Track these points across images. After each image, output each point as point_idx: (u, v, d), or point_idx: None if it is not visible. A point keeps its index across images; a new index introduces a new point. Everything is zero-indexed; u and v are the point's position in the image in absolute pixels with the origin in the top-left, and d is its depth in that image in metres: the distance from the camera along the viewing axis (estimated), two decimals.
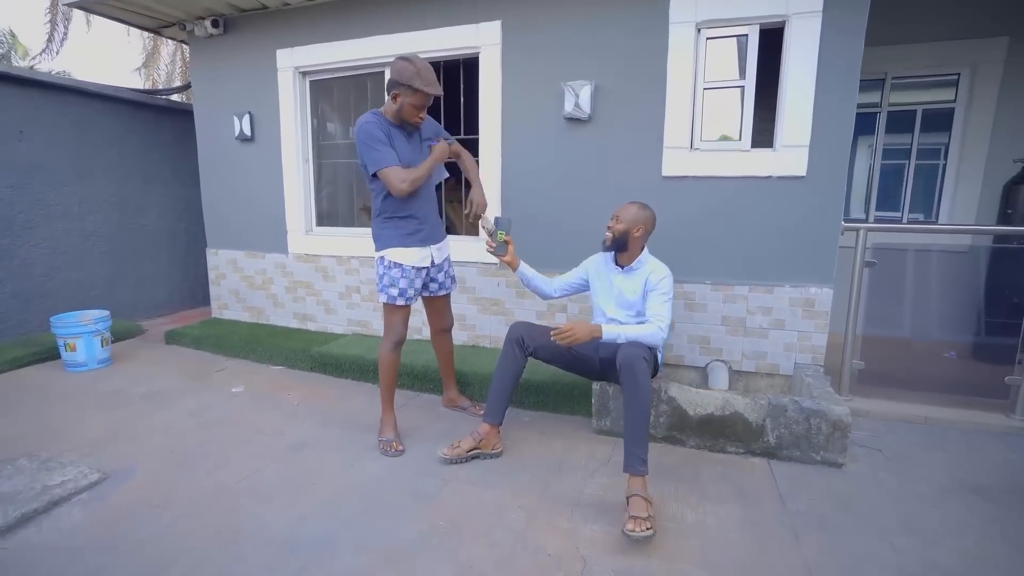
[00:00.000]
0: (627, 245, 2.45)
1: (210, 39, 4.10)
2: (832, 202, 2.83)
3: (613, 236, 2.45)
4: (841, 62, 2.68)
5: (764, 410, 2.47)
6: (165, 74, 11.12)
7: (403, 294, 2.52)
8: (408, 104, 2.35)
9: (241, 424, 2.83)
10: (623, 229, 2.41)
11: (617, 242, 2.45)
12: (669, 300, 2.38)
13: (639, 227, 2.41)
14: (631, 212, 2.42)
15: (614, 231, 2.43)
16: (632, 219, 2.41)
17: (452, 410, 3.03)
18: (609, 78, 3.11)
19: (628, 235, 2.41)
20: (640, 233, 2.43)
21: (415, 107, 2.36)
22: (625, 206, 2.44)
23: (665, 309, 2.35)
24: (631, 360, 2.14)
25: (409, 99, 2.34)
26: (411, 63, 2.31)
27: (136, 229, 4.80)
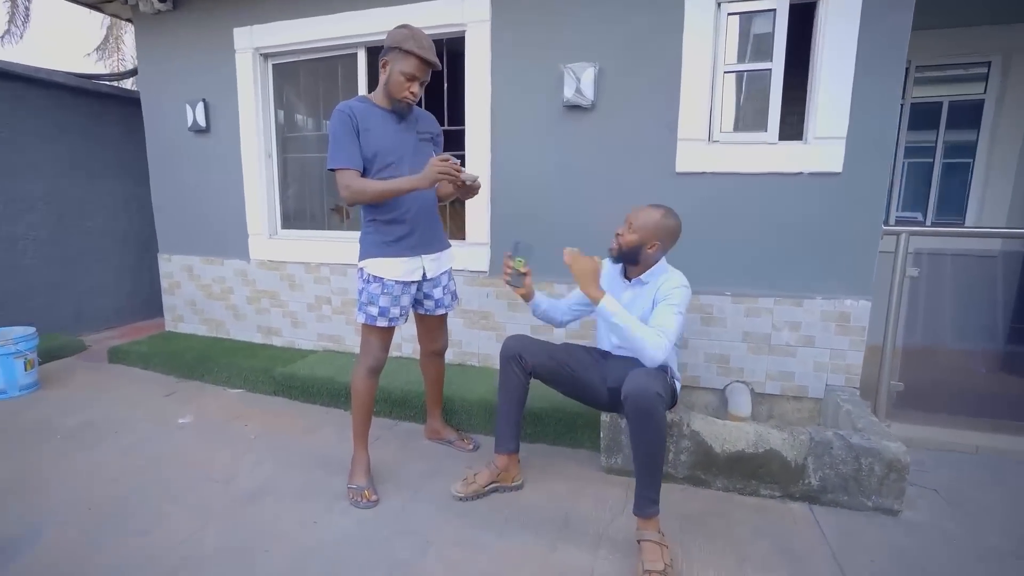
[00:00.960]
0: (637, 259, 2.05)
1: (158, 16, 3.61)
2: (872, 202, 2.47)
3: (619, 247, 2.05)
4: (885, 41, 2.33)
5: (805, 447, 2.10)
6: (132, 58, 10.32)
7: (384, 314, 2.10)
8: (398, 72, 1.94)
9: (185, 465, 2.38)
10: (635, 241, 2.01)
11: (624, 255, 2.05)
12: (680, 314, 1.96)
13: (655, 243, 2.01)
14: (649, 220, 2.01)
15: (623, 242, 2.03)
16: (649, 230, 2.00)
17: (436, 443, 2.61)
18: (615, 60, 2.71)
19: (640, 250, 2.02)
20: (654, 250, 2.03)
21: (405, 76, 1.95)
22: (643, 210, 2.04)
23: (672, 320, 1.92)
24: (644, 399, 1.74)
25: (399, 65, 1.94)
26: (407, 28, 1.95)
27: (79, 232, 4.28)
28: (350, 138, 1.96)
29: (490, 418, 2.69)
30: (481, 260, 3.09)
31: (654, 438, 1.76)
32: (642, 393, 1.74)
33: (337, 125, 1.96)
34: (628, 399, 1.77)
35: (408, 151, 2.07)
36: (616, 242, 2.05)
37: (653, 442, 1.77)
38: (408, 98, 2.00)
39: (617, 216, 2.54)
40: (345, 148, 1.96)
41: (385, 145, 2.00)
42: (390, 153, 2.02)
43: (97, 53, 9.62)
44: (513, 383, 2.14)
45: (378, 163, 2.01)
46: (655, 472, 1.79)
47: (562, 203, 2.92)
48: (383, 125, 2.01)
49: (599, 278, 1.94)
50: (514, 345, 2.14)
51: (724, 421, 2.24)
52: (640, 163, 2.75)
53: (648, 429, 1.76)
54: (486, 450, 2.51)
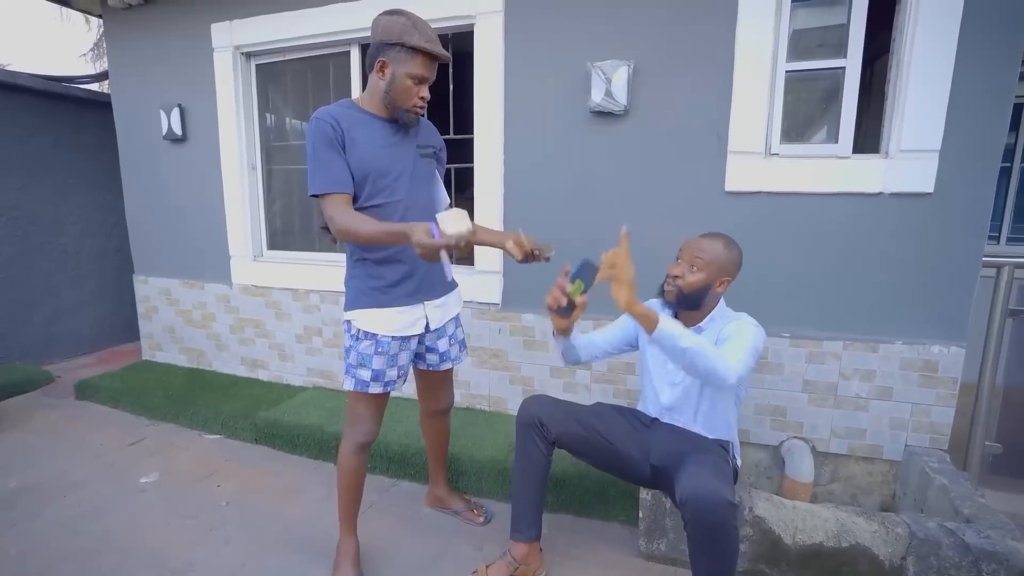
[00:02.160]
0: (700, 303, 1.63)
1: (128, 11, 3.21)
2: (971, 230, 2.03)
3: (680, 291, 1.62)
4: (996, 29, 1.88)
5: (903, 544, 1.66)
6: None
7: (378, 378, 1.67)
8: (404, 76, 1.52)
9: (136, 548, 1.97)
10: (701, 282, 1.59)
11: (686, 300, 1.63)
12: (752, 351, 1.53)
13: (724, 279, 1.60)
14: (714, 253, 1.60)
15: (685, 284, 1.61)
16: (718, 266, 1.59)
17: (441, 512, 2.19)
18: (653, 57, 2.28)
19: (708, 291, 1.60)
20: (723, 288, 1.62)
21: (414, 80, 1.53)
22: (704, 242, 1.63)
23: (744, 353, 1.51)
24: (711, 510, 1.32)
25: (405, 67, 1.51)
26: (401, 14, 1.50)
27: (50, 249, 3.89)
28: (333, 154, 1.54)
29: (503, 481, 2.27)
30: (492, 291, 2.67)
31: (724, 559, 1.34)
32: (708, 501, 1.32)
33: (317, 138, 1.53)
34: (688, 506, 1.35)
35: (407, 168, 1.65)
36: (673, 285, 1.63)
37: (722, 563, 1.35)
38: (419, 107, 1.58)
39: (653, 243, 2.13)
40: (328, 168, 1.53)
41: (378, 162, 1.58)
42: (385, 173, 1.59)
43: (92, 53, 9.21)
44: (533, 456, 1.73)
45: (370, 185, 1.59)
46: None
47: (586, 227, 2.48)
48: (375, 136, 1.59)
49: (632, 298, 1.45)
50: (534, 410, 1.73)
51: (795, 504, 1.81)
52: (682, 180, 2.32)
53: (716, 545, 1.34)
54: (499, 521, 2.10)
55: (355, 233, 1.49)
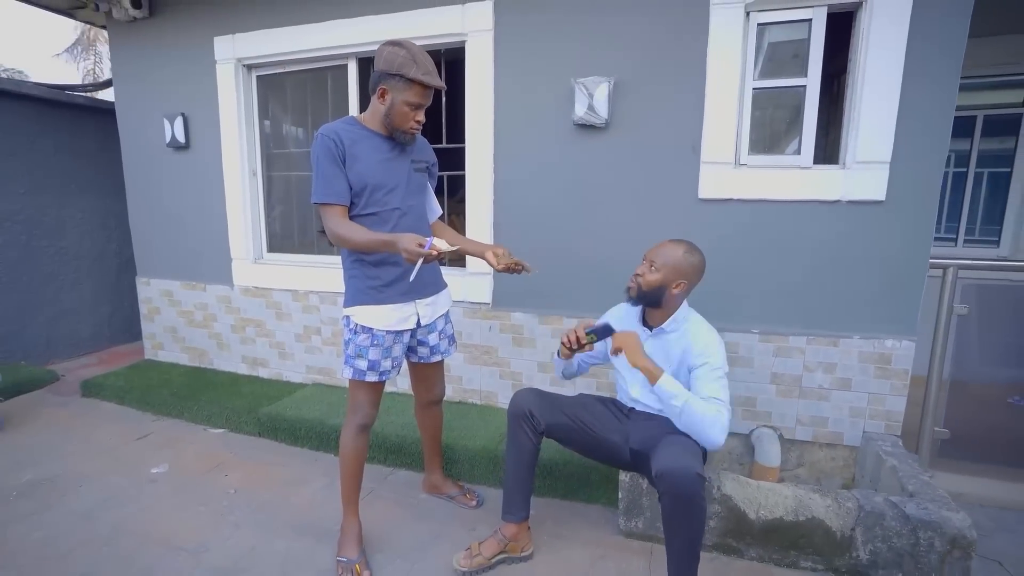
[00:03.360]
0: (660, 301, 1.81)
1: (133, 24, 3.34)
2: (919, 234, 2.23)
3: (639, 288, 1.81)
4: (938, 50, 2.08)
5: (852, 517, 1.85)
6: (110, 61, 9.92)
7: (374, 367, 1.84)
8: (402, 103, 1.69)
9: (151, 533, 2.11)
10: (657, 281, 1.77)
11: (646, 296, 1.81)
12: (724, 375, 1.74)
13: (680, 282, 1.78)
14: (672, 257, 1.78)
15: (644, 282, 1.79)
16: (673, 268, 1.77)
17: (436, 498, 2.36)
18: (632, 74, 2.46)
19: (664, 291, 1.78)
20: (680, 290, 1.79)
21: (411, 107, 1.70)
22: (664, 246, 1.81)
23: (720, 389, 1.71)
24: (683, 482, 1.50)
25: (403, 95, 1.68)
26: (402, 47, 1.67)
27: (52, 252, 4.00)
28: (335, 169, 1.71)
29: (495, 468, 2.44)
30: (483, 291, 2.84)
31: (694, 526, 1.52)
32: (680, 475, 1.49)
33: (320, 153, 1.71)
34: (662, 479, 1.53)
35: (402, 181, 1.82)
36: (635, 282, 1.82)
37: (693, 530, 1.53)
38: (414, 128, 1.76)
39: (633, 247, 2.31)
40: (329, 181, 1.72)
41: (376, 176, 1.76)
42: (381, 185, 1.77)
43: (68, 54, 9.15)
44: (523, 445, 1.89)
45: (367, 195, 1.76)
46: (692, 563, 1.56)
47: (572, 231, 2.66)
48: (373, 152, 1.76)
49: (642, 355, 1.75)
50: (524, 402, 1.89)
51: (758, 483, 1.99)
52: (659, 188, 2.50)
53: (688, 517, 1.51)
54: (491, 505, 2.27)
55: (348, 240, 1.70)
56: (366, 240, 1.68)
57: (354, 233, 1.69)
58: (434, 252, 1.54)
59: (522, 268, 1.87)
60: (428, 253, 1.53)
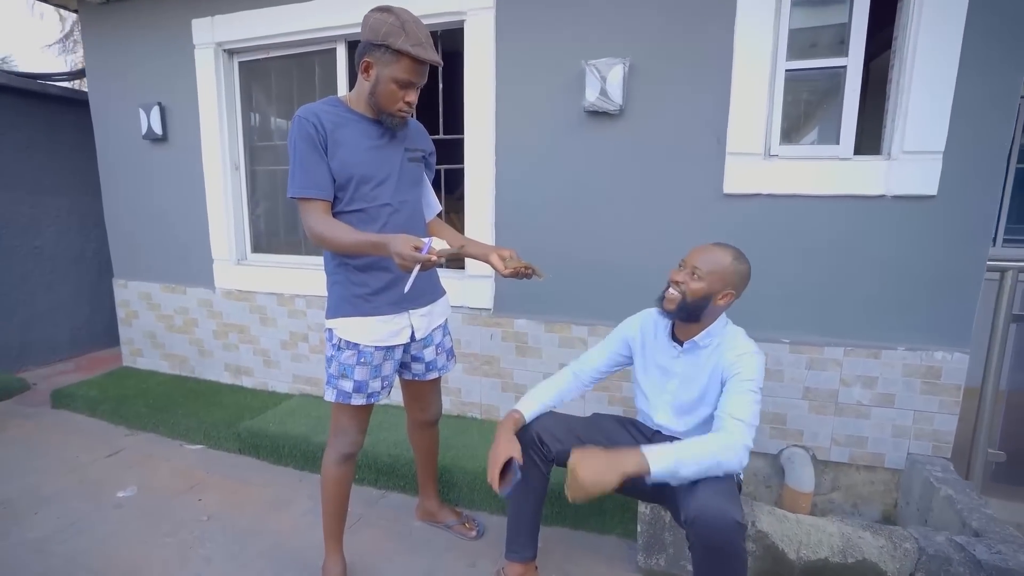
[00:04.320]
0: (701, 315, 1.55)
1: (105, 6, 3.10)
2: (975, 234, 1.98)
3: (683, 298, 1.54)
4: (1001, 28, 1.83)
5: (912, 560, 1.61)
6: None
7: (361, 389, 1.59)
8: (388, 79, 1.43)
9: (110, 568, 1.87)
10: (703, 291, 1.51)
11: (687, 309, 1.54)
12: (753, 392, 1.47)
13: (727, 292, 1.52)
14: (719, 264, 1.51)
15: (688, 291, 1.52)
16: (720, 276, 1.50)
17: (432, 526, 2.12)
18: (649, 55, 2.22)
19: (709, 302, 1.52)
20: (726, 301, 1.54)
21: (398, 84, 1.43)
22: (709, 251, 1.54)
23: (748, 406, 1.44)
24: (718, 531, 1.26)
25: (389, 70, 1.42)
26: (390, 13, 1.40)
27: (25, 252, 3.75)
28: (314, 157, 1.46)
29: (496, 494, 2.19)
30: (484, 296, 2.59)
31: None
32: (716, 522, 1.25)
33: (298, 139, 1.46)
34: (694, 527, 1.28)
35: (393, 172, 1.57)
36: (678, 291, 1.54)
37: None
38: (403, 111, 1.50)
39: (649, 248, 2.08)
40: (308, 171, 1.46)
41: (363, 166, 1.50)
42: (370, 177, 1.52)
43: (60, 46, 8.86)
44: (531, 476, 1.65)
45: (353, 188, 1.51)
46: None
47: (581, 230, 2.42)
48: (360, 138, 1.51)
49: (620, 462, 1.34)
50: (533, 428, 1.65)
51: (798, 517, 1.75)
52: (679, 181, 2.26)
53: (723, 570, 1.27)
54: (492, 535, 2.04)
55: (331, 242, 1.44)
56: (352, 241, 1.41)
57: (337, 233, 1.43)
58: (432, 256, 1.28)
59: (532, 273, 1.61)
60: (426, 258, 1.27)
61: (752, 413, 1.44)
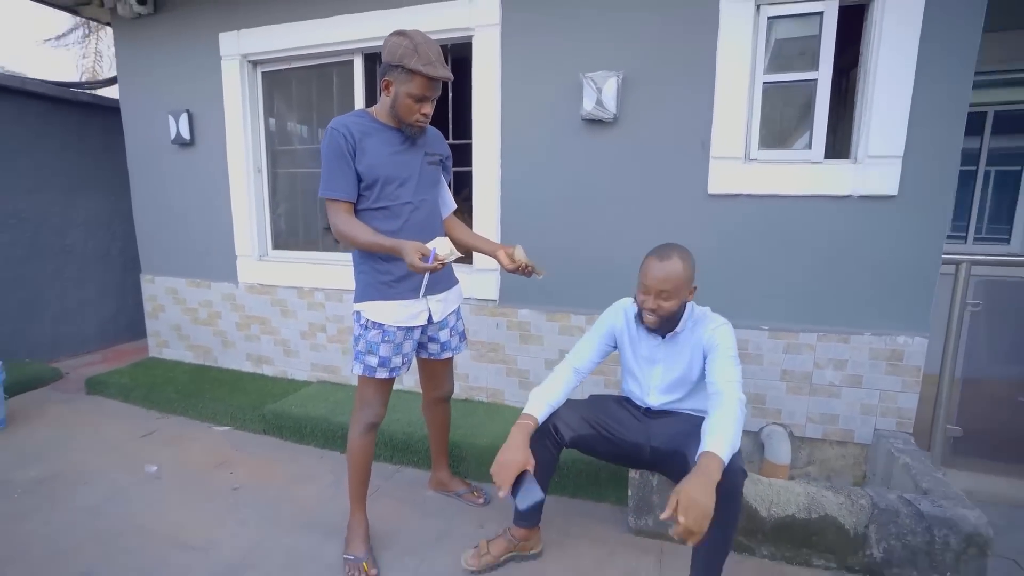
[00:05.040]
0: (677, 318, 1.77)
1: (137, 20, 3.33)
2: (932, 230, 2.20)
3: (660, 320, 1.73)
4: (952, 46, 2.06)
5: (866, 514, 1.83)
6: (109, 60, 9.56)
7: (385, 364, 1.82)
8: (404, 95, 1.66)
9: (158, 529, 2.10)
10: (675, 306, 1.71)
11: (668, 322, 1.75)
12: (735, 356, 1.70)
13: (691, 289, 1.74)
14: (675, 275, 1.67)
15: (664, 312, 1.70)
16: (682, 283, 1.68)
17: (443, 495, 2.34)
18: (641, 68, 2.45)
19: (682, 308, 1.75)
20: (692, 295, 1.76)
21: (413, 99, 1.66)
22: (662, 268, 1.67)
23: (734, 368, 1.66)
24: (730, 476, 1.44)
25: (405, 87, 1.65)
26: (405, 36, 1.64)
27: (57, 250, 3.99)
28: (343, 164, 1.70)
29: None
30: (490, 288, 2.82)
31: (731, 522, 1.51)
32: (728, 470, 1.44)
33: (330, 147, 1.70)
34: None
35: (414, 173, 1.80)
36: (655, 316, 1.72)
37: (731, 524, 1.52)
38: (420, 121, 1.73)
39: (641, 243, 2.26)
40: (337, 176, 1.70)
41: (387, 169, 1.74)
42: (392, 178, 1.75)
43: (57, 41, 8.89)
44: (542, 458, 1.77)
45: (379, 189, 1.74)
46: (723, 557, 1.54)
47: (579, 227, 2.65)
48: (384, 145, 1.74)
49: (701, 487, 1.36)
50: (551, 419, 1.84)
51: (770, 480, 1.97)
52: (668, 183, 2.48)
53: (728, 511, 1.46)
54: (498, 503, 2.26)
55: (352, 239, 1.69)
56: (370, 241, 1.67)
57: (358, 232, 1.68)
58: (438, 264, 1.54)
59: (532, 271, 1.86)
60: (433, 267, 1.53)
61: (737, 373, 1.66)
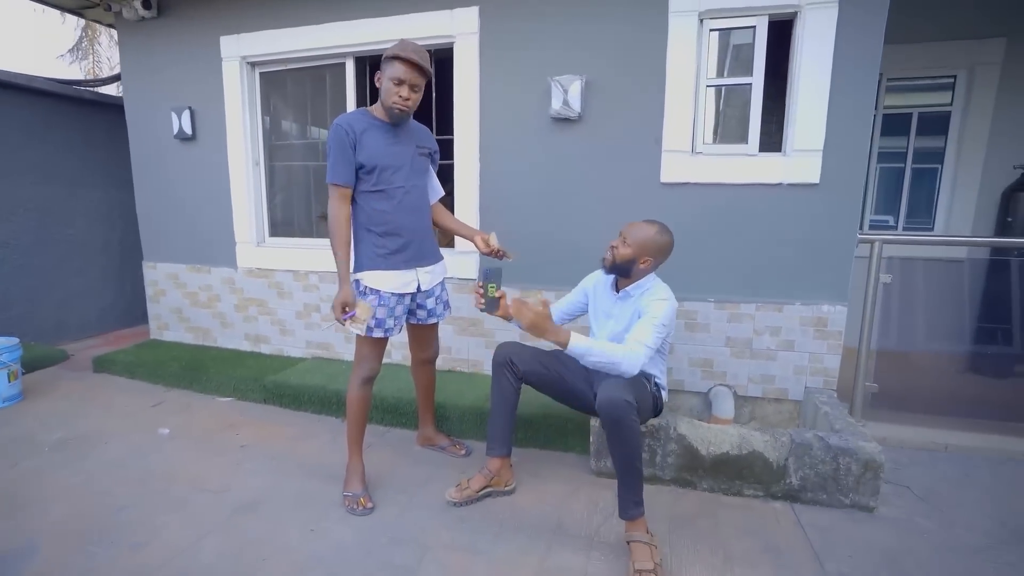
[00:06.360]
0: (629, 272, 2.12)
1: (142, 23, 3.58)
2: (847, 212, 2.58)
3: (613, 259, 2.10)
4: (859, 59, 2.44)
5: (786, 449, 2.19)
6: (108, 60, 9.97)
7: (380, 324, 2.13)
8: (387, 79, 1.99)
9: (177, 477, 2.38)
10: (628, 255, 2.07)
11: (617, 267, 2.11)
12: (660, 326, 1.99)
13: (647, 258, 2.07)
14: (643, 236, 2.05)
15: (616, 255, 2.09)
16: (642, 245, 2.05)
17: (429, 449, 2.65)
18: (601, 73, 2.79)
19: (632, 264, 2.08)
20: (647, 265, 2.09)
21: (394, 82, 1.98)
22: (638, 225, 2.09)
23: (648, 333, 1.96)
24: (614, 408, 1.80)
25: (387, 72, 1.99)
26: (397, 41, 2.02)
27: (61, 239, 4.21)
28: (344, 154, 2.01)
29: (481, 424, 2.73)
30: (469, 268, 3.14)
31: (628, 444, 1.83)
32: (612, 402, 1.80)
33: (333, 140, 2.03)
34: (600, 408, 1.84)
35: (406, 162, 2.12)
36: (610, 254, 2.11)
37: (628, 448, 1.84)
38: (398, 103, 2.00)
39: (602, 228, 2.63)
40: (339, 165, 2.03)
41: (383, 158, 2.05)
42: (387, 165, 2.07)
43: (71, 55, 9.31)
44: (505, 388, 2.19)
45: (376, 174, 2.06)
46: (634, 475, 1.86)
47: (550, 213, 2.98)
48: (381, 138, 2.06)
49: (548, 319, 1.92)
50: (506, 352, 2.19)
51: (709, 424, 2.32)
52: (627, 174, 2.83)
53: (621, 436, 1.82)
54: (478, 455, 2.55)
55: (332, 228, 2.05)
56: (337, 247, 2.04)
57: (338, 229, 2.03)
58: (344, 324, 2.03)
59: (504, 254, 2.25)
60: (341, 323, 2.03)
61: (650, 339, 1.96)
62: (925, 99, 3.82)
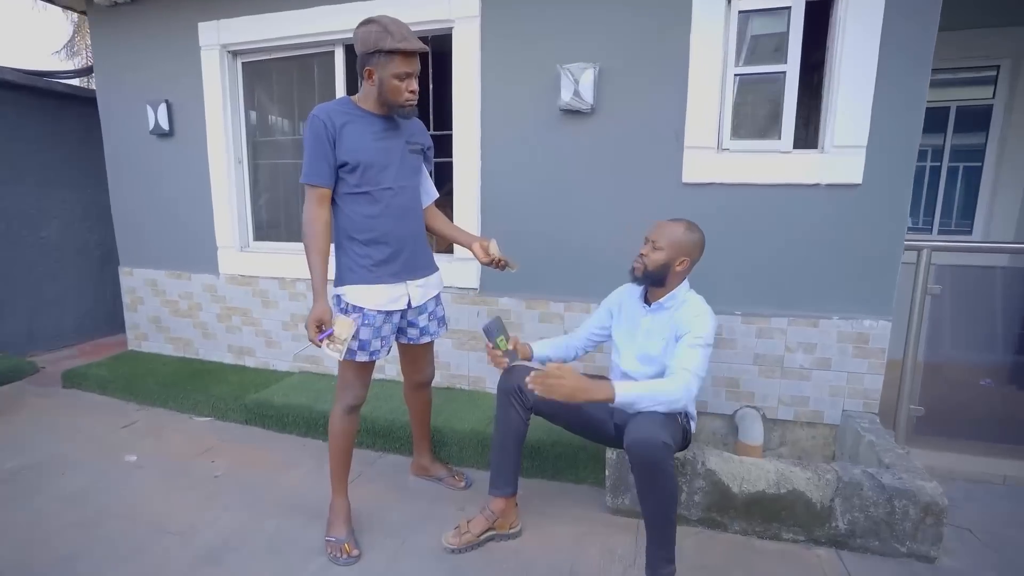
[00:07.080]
0: (664, 279, 1.85)
1: (114, 8, 3.30)
2: (894, 217, 2.30)
3: (645, 268, 1.84)
4: (909, 44, 2.15)
5: (832, 488, 1.91)
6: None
7: (365, 347, 1.85)
8: (389, 77, 1.69)
9: (139, 516, 2.10)
10: (662, 260, 1.81)
11: (650, 276, 1.84)
12: (705, 346, 1.76)
13: (683, 260, 1.82)
14: (674, 235, 1.81)
15: (649, 262, 1.83)
16: (676, 245, 1.80)
17: (425, 480, 2.38)
18: (617, 61, 2.50)
19: (668, 269, 1.81)
20: (683, 267, 1.84)
21: (399, 78, 1.69)
22: (664, 225, 1.85)
23: (696, 358, 1.73)
24: (649, 450, 1.55)
25: (387, 69, 1.68)
26: (374, 23, 1.68)
27: (31, 243, 3.93)
28: (321, 151, 1.73)
29: (483, 450, 2.46)
30: (470, 276, 2.86)
31: (664, 491, 1.58)
32: (647, 443, 1.54)
33: (309, 134, 1.74)
34: (632, 450, 1.57)
35: (395, 160, 1.83)
36: (640, 263, 1.85)
37: (663, 497, 1.58)
38: (410, 100, 1.75)
39: (618, 232, 2.35)
40: (314, 162, 1.75)
41: (368, 154, 1.77)
42: (373, 164, 1.78)
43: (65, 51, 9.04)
44: (513, 420, 1.92)
45: (360, 173, 1.78)
46: (667, 528, 1.61)
47: (558, 217, 2.70)
48: (365, 131, 1.77)
49: (583, 378, 1.62)
50: (514, 379, 1.92)
51: (741, 458, 2.04)
52: (643, 173, 2.55)
53: (656, 484, 1.56)
54: (479, 487, 2.29)
55: (305, 235, 1.80)
56: (312, 255, 1.80)
57: (314, 236, 1.79)
58: (320, 343, 1.73)
59: (506, 264, 1.94)
60: (318, 342, 1.73)
61: (699, 365, 1.73)
62: (964, 93, 3.52)
